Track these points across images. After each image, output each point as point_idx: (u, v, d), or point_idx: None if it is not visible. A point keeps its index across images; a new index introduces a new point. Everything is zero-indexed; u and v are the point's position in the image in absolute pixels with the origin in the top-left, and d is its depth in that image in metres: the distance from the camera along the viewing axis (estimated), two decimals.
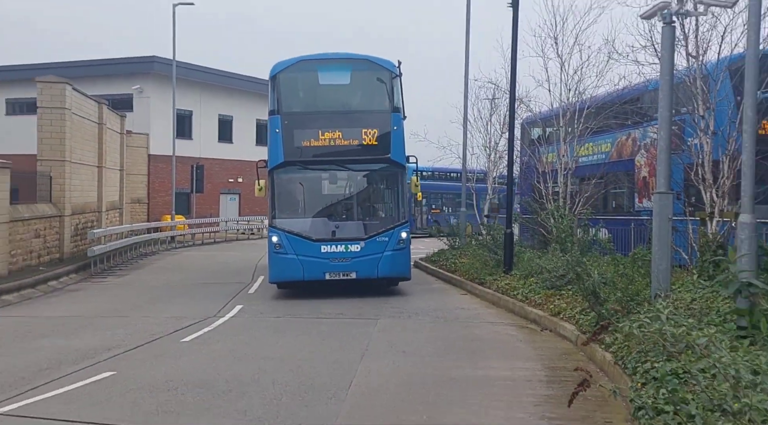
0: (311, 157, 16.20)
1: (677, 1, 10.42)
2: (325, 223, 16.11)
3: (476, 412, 7.32)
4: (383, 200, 17.24)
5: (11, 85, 39.93)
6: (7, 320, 13.91)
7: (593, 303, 10.55)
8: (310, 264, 15.33)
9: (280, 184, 16.24)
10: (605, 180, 19.52)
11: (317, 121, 16.31)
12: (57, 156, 23.15)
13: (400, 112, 16.43)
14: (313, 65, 16.80)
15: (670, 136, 10.97)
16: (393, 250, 15.64)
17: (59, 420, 7.16)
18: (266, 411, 7.41)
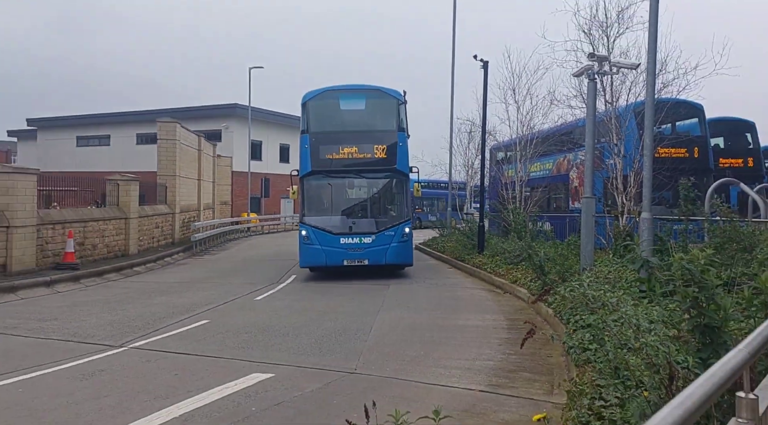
0: (333, 167, 14.58)
1: (598, 65, 10.40)
2: (343, 220, 14.50)
3: (457, 349, 7.34)
4: (390, 202, 15.29)
5: (140, 123, 40.26)
6: (138, 284, 14.06)
7: (540, 274, 10.54)
8: (331, 253, 13.98)
9: (308, 188, 14.70)
10: (548, 188, 19.50)
11: (338, 138, 14.77)
12: (170, 172, 23.31)
13: (404, 131, 14.85)
14: (335, 94, 15.35)
15: (594, 158, 10.98)
16: (398, 242, 14.14)
17: (173, 352, 7.25)
18: (312, 347, 7.47)
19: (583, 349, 5.71)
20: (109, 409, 5.19)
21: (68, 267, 14.15)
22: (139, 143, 42.02)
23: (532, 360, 6.71)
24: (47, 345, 7.68)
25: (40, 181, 14.74)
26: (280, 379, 6.04)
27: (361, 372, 6.30)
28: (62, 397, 5.53)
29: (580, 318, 6.84)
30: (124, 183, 18.51)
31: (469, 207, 30.15)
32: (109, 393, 5.66)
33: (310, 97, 14.90)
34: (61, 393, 5.67)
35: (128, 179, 18.85)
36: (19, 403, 5.38)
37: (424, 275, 15.15)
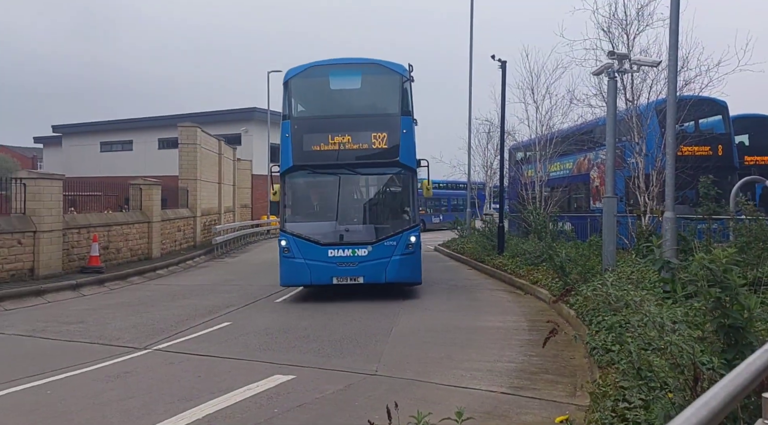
0: (320, 160, 11.60)
1: (618, 63, 10.29)
2: (333, 227, 11.57)
3: (477, 351, 7.32)
4: (392, 204, 12.36)
5: (162, 128, 40.88)
6: (161, 287, 14.26)
7: (561, 275, 10.45)
8: (317, 269, 11.15)
9: (289, 188, 11.83)
10: (569, 188, 19.32)
11: (327, 125, 11.88)
12: (191, 176, 23.60)
13: (410, 115, 11.85)
14: (324, 70, 12.28)
15: (615, 157, 10.85)
16: (401, 255, 11.25)
17: (196, 354, 7.35)
18: (333, 349, 7.51)
19: (606, 350, 5.66)
20: (135, 410, 5.28)
21: (93, 271, 14.42)
22: (160, 148, 42.64)
23: (554, 362, 6.67)
24: (74, 347, 7.84)
25: (66, 187, 15.04)
26: (302, 381, 6.09)
27: (382, 374, 6.32)
28: (89, 399, 5.65)
29: (602, 319, 6.77)
30: (146, 187, 18.79)
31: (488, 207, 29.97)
32: (134, 394, 5.76)
33: (292, 75, 12.00)
34: (88, 394, 5.78)
35: (150, 183, 19.13)
36: (48, 404, 5.50)
37: (444, 276, 15.10)
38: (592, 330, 6.80)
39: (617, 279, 8.30)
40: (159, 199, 19.25)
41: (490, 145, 26.03)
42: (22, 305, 11.18)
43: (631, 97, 13.19)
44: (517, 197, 19.98)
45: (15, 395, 5.79)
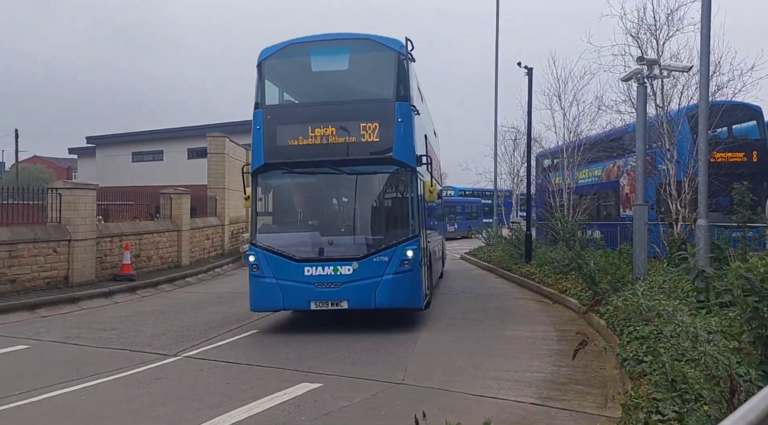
0: (298, 157, 9.49)
1: (647, 68, 10.14)
2: (312, 240, 9.51)
3: (506, 360, 7.24)
4: (386, 210, 10.09)
5: (191, 138, 41.62)
6: (190, 294, 14.47)
7: (590, 284, 10.29)
8: (291, 290, 9.08)
9: (262, 191, 9.94)
10: (598, 195, 19.06)
11: (306, 114, 9.91)
12: (220, 185, 23.98)
13: (407, 100, 9.52)
14: (305, 49, 10.06)
15: (645, 164, 10.67)
16: (395, 273, 9.01)
17: (224, 361, 7.43)
18: (359, 357, 7.51)
19: (638, 361, 5.55)
20: (165, 417, 5.37)
21: (125, 279, 14.72)
22: (190, 157, 43.41)
23: (584, 373, 6.56)
24: (107, 354, 8.00)
25: (99, 196, 15.42)
26: (329, 389, 6.10)
27: (408, 383, 6.30)
28: (122, 405, 5.76)
29: (634, 329, 6.64)
30: (176, 196, 19.14)
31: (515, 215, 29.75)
32: (165, 401, 5.85)
33: (267, 55, 9.96)
34: (120, 400, 5.90)
35: (180, 192, 19.49)
36: (82, 410, 5.63)
37: (470, 285, 15.00)
38: (623, 340, 6.67)
39: (649, 288, 8.14)
40: (188, 207, 19.59)
41: (516, 153, 25.99)
42: (57, 312, 11.47)
43: (661, 102, 13.00)
44: (544, 205, 19.78)
45: (51, 400, 5.94)
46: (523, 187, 23.64)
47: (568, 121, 18.21)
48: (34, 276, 12.77)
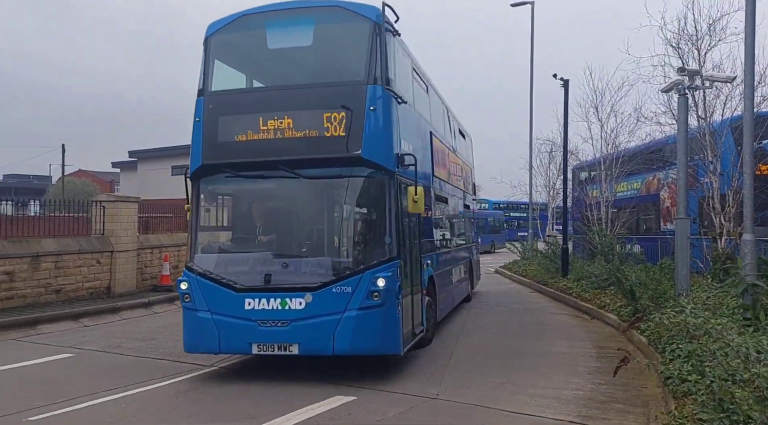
0: (246, 157, 7.40)
1: (688, 79, 9.91)
2: (257, 262, 7.44)
3: (543, 376, 7.09)
4: (354, 225, 7.74)
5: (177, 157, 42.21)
6: None
7: (630, 300, 10.03)
8: (228, 329, 7.06)
9: (200, 199, 7.81)
10: (637, 209, 18.63)
11: (257, 102, 7.72)
12: None
13: (386, 83, 7.27)
14: (259, 21, 7.95)
15: (687, 176, 10.39)
16: (360, 309, 6.82)
17: (260, 373, 7.49)
18: (393, 371, 7.43)
19: (682, 380, 5.36)
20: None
21: (164, 290, 15.03)
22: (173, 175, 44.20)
23: (624, 391, 6.37)
24: (146, 363, 8.17)
25: (140, 209, 15.85)
26: (362, 402, 6.09)
27: (442, 398, 6.23)
28: (161, 414, 5.86)
29: (677, 347, 6.43)
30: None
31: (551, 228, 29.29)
32: (202, 411, 5.93)
33: (215, 30, 7.92)
34: (160, 409, 6.00)
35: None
36: (122, 419, 5.74)
37: (505, 299, 14.81)
38: (666, 358, 6.46)
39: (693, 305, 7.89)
40: None
41: (552, 165, 25.65)
42: (99, 322, 11.78)
43: (703, 114, 12.66)
44: (581, 218, 19.44)
45: (93, 408, 6.08)
46: (559, 200, 23.31)
47: (605, 132, 17.91)
48: (78, 286, 13.18)
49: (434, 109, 10.69)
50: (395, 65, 7.74)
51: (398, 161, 7.37)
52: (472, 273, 14.61)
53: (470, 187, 15.62)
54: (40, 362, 8.27)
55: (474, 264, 14.95)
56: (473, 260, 14.86)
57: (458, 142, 13.76)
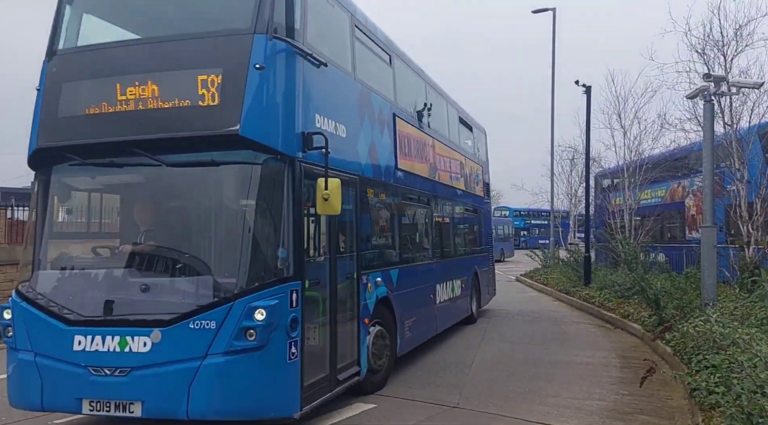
0: (92, 138, 5.13)
1: (714, 85, 9.75)
2: (99, 285, 5.23)
3: (565, 386, 6.99)
4: (231, 232, 5.25)
5: None
6: None
7: (655, 309, 9.86)
8: (53, 377, 4.88)
9: (45, 197, 5.53)
10: (661, 217, 18.35)
11: (113, 64, 5.27)
12: None
13: (286, 33, 5.15)
14: None
15: (713, 184, 10.22)
16: (226, 353, 4.60)
17: None
18: (413, 378, 7.41)
19: (709, 392, 5.24)
20: None
21: None
22: None
23: (649, 402, 6.25)
24: None
25: None
26: (383, 410, 6.07)
27: (463, 407, 6.18)
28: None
29: (703, 358, 6.29)
30: None
31: (573, 236, 28.99)
32: None
33: None
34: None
35: None
36: None
37: (526, 307, 14.67)
38: (692, 369, 6.33)
39: (720, 315, 7.73)
40: None
41: (574, 172, 25.43)
42: None
43: (730, 120, 12.44)
44: (603, 226, 19.22)
45: None
46: (581, 207, 23.06)
47: (628, 139, 17.71)
48: None
49: (404, 86, 8.36)
50: (310, 12, 5.63)
51: (304, 143, 5.22)
52: (479, 288, 12.34)
53: (479, 186, 13.13)
54: None
55: (481, 277, 12.56)
56: (480, 273, 12.48)
57: (458, 132, 11.56)
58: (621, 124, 17.74)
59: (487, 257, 13.84)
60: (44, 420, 5.69)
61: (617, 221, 17.88)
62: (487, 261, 13.74)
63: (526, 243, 46.87)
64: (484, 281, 12.91)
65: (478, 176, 13.23)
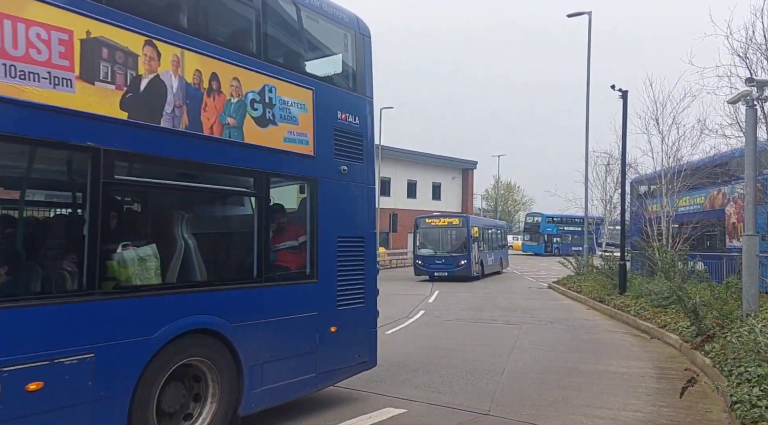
0: None
1: (757, 90, 9.52)
2: None
3: (599, 397, 6.89)
4: None
5: None
6: None
7: (693, 319, 9.64)
8: None
9: None
10: (700, 224, 17.90)
11: None
12: None
13: None
14: None
15: (755, 191, 9.97)
16: None
17: None
18: (443, 384, 7.43)
19: (752, 405, 5.12)
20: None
21: None
22: None
23: (687, 415, 6.12)
24: None
25: None
26: (413, 415, 6.08)
27: (494, 415, 6.15)
28: None
29: (745, 370, 6.14)
30: None
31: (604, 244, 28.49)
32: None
33: None
34: None
35: None
36: None
37: (559, 315, 14.48)
38: (732, 381, 6.17)
39: (765, 325, 7.53)
40: None
41: (609, 178, 25.05)
42: None
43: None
44: (639, 233, 18.85)
45: None
46: (616, 214, 22.69)
47: (666, 145, 17.39)
48: None
49: None
50: None
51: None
52: None
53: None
54: None
55: None
56: None
57: None
58: (659, 129, 17.45)
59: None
60: None
61: (654, 228, 17.53)
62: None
63: (558, 250, 46.26)
64: None
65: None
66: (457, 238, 25.77)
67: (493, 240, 30.48)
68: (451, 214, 31.74)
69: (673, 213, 17.40)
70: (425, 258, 25.71)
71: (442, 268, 25.17)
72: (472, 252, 25.45)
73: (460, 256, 25.19)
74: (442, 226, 26.49)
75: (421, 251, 25.93)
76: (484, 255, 27.66)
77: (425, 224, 26.79)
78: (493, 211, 71.55)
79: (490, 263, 28.64)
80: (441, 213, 32.87)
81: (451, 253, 25.37)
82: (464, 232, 25.65)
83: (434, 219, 27.31)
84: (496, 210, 69.23)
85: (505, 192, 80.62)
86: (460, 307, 16.13)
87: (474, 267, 25.58)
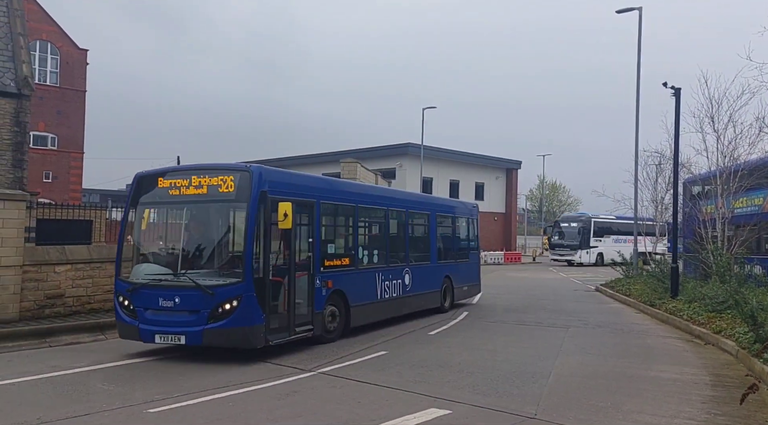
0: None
1: None
2: None
3: (650, 403, 6.72)
4: None
5: (325, 164, 43.90)
6: None
7: (751, 325, 9.27)
8: None
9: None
10: (758, 227, 17.15)
11: None
12: None
13: None
14: None
15: None
16: None
17: (355, 380, 7.65)
18: (488, 386, 7.39)
19: None
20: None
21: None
22: None
23: (745, 424, 5.90)
24: (250, 365, 8.62)
25: None
26: (458, 417, 6.08)
27: (541, 418, 6.08)
28: (263, 413, 6.18)
29: None
30: None
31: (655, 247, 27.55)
32: (302, 413, 6.19)
33: None
34: (263, 409, 6.33)
35: None
36: (230, 416, 6.10)
37: (607, 319, 14.15)
38: None
39: None
40: None
41: (660, 179, 24.23)
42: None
43: None
44: (693, 235, 18.21)
45: (205, 404, 6.52)
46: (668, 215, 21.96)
47: (722, 144, 16.74)
48: None
49: None
50: None
51: None
52: None
53: None
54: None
55: None
56: None
57: None
58: (714, 127, 16.83)
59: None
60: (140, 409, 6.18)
61: (708, 230, 16.91)
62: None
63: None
64: None
65: None
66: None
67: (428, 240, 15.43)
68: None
69: (729, 214, 16.73)
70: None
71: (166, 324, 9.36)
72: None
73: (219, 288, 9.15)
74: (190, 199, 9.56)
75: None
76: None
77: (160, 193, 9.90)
78: (537, 211, 70.27)
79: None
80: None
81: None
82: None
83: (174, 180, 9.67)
84: (541, 210, 68.04)
85: (550, 192, 79.12)
86: (504, 309, 15.97)
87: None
